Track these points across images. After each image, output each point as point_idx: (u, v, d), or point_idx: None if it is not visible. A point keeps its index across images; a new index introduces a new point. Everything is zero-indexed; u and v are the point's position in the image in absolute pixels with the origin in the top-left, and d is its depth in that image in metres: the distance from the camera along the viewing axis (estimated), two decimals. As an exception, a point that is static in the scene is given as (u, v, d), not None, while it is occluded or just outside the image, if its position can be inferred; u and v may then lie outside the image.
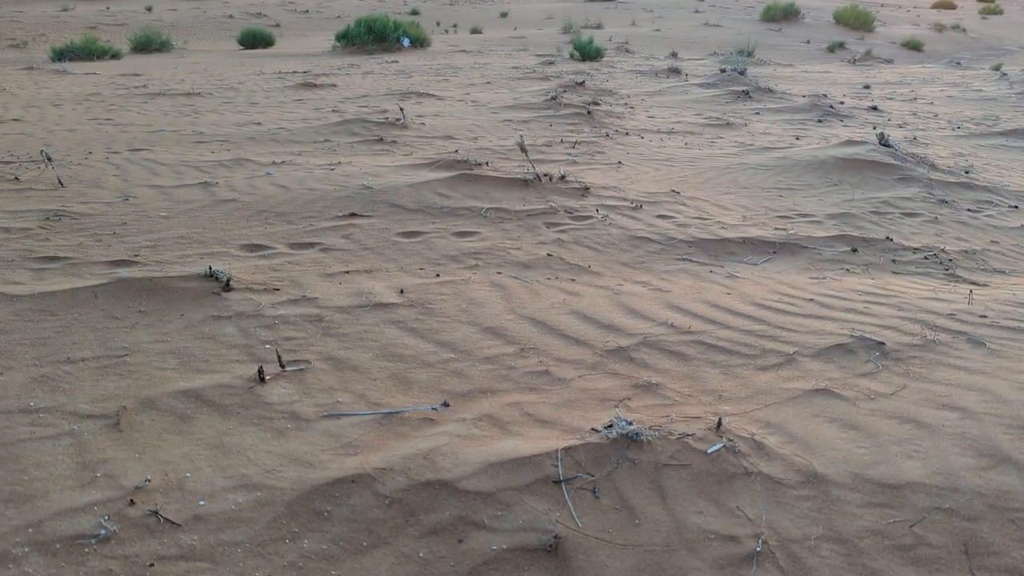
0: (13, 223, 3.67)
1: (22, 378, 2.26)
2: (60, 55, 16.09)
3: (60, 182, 4.39)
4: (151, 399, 2.19)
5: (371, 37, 18.26)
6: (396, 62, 15.07)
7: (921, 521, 1.79)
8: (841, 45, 24.03)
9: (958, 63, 19.49)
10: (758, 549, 1.68)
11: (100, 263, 3.22)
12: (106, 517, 1.67)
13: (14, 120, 6.81)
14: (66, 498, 1.73)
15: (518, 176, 4.93)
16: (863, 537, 1.74)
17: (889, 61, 20.56)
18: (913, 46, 25.46)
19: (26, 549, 1.57)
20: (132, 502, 1.72)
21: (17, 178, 4.51)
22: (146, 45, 18.29)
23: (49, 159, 4.42)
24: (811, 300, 3.24)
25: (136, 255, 3.35)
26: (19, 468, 1.84)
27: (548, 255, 3.71)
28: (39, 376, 2.28)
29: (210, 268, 3.01)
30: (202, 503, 1.74)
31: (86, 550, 1.58)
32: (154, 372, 2.35)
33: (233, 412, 2.15)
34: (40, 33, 21.06)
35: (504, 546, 1.65)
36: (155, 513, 1.69)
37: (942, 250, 4.19)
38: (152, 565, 1.55)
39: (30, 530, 1.62)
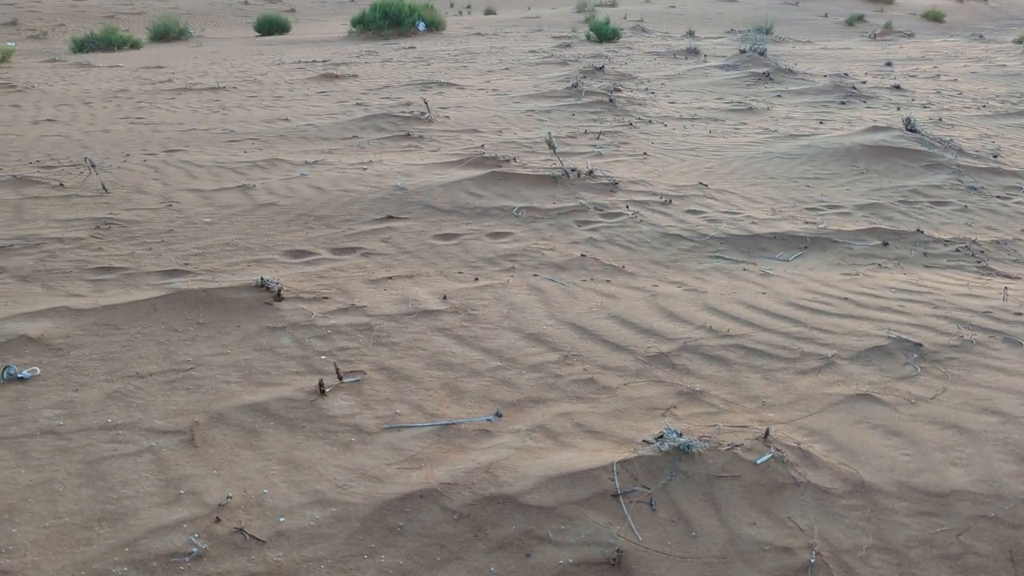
0: (66, 232, 3.79)
1: (97, 394, 2.37)
2: (81, 46, 16.24)
3: (104, 188, 4.51)
4: (220, 413, 2.29)
5: (387, 22, 18.27)
6: (413, 48, 15.10)
7: (968, 530, 1.87)
8: (860, 18, 23.77)
9: (980, 36, 19.25)
10: (812, 560, 1.76)
11: (154, 273, 3.33)
12: (196, 535, 1.78)
13: (48, 121, 6.94)
14: (155, 516, 1.84)
15: (547, 173, 4.99)
16: (912, 547, 1.82)
17: (910, 35, 20.32)
18: (934, 17, 25.14)
19: (125, 568, 1.68)
20: (218, 519, 1.83)
21: (62, 184, 4.63)
22: (164, 34, 18.39)
23: (93, 165, 4.53)
24: (846, 299, 3.30)
25: (186, 264, 3.46)
26: (107, 486, 1.95)
27: (582, 256, 3.78)
28: (112, 392, 2.39)
29: (261, 279, 3.11)
30: (282, 519, 1.85)
31: (181, 568, 1.69)
32: (220, 386, 2.45)
33: (299, 426, 2.25)
34: (59, 23, 21.20)
35: (570, 560, 1.75)
36: (240, 530, 1.80)
37: (973, 241, 4.23)
38: (244, 582, 1.66)
39: (126, 549, 1.73)
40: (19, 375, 2.44)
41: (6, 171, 4.97)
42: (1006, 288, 3.44)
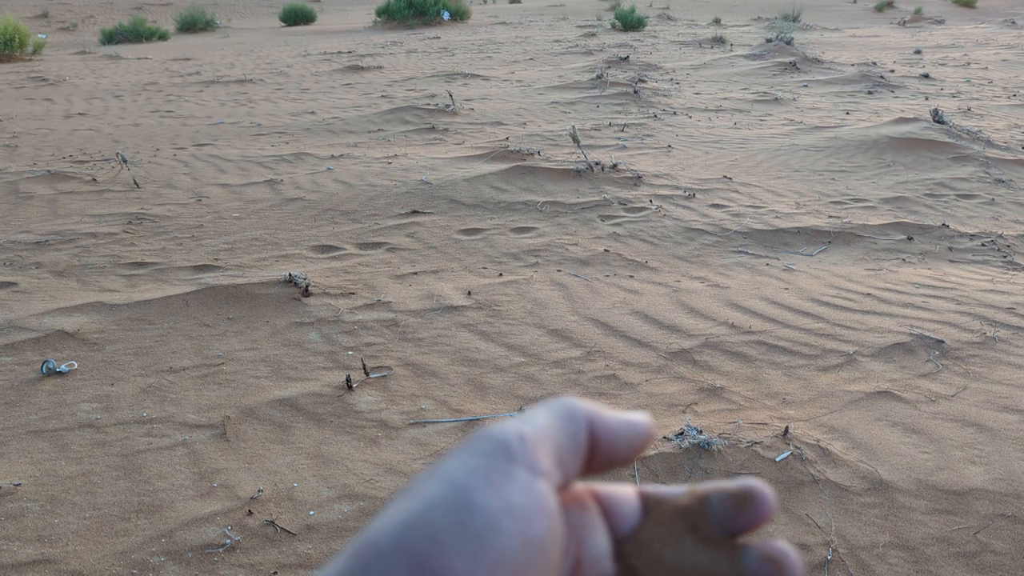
0: (99, 228, 3.88)
1: (132, 388, 2.45)
2: (110, 38, 16.45)
3: (136, 183, 4.60)
4: (251, 408, 2.36)
5: (412, 11, 18.30)
6: (438, 38, 15.12)
7: (985, 528, 1.89)
8: (890, 4, 23.43)
9: (1013, 22, 18.91)
10: (829, 557, 1.79)
11: (185, 268, 3.41)
12: (229, 527, 1.84)
13: (80, 115, 7.06)
14: (190, 508, 1.91)
15: (571, 167, 5.02)
16: (929, 544, 1.84)
17: (940, 21, 20.01)
18: (965, 3, 24.70)
19: (162, 559, 1.75)
20: (250, 512, 1.89)
21: (95, 179, 4.73)
22: (191, 25, 18.57)
23: (125, 160, 4.63)
24: (868, 295, 3.30)
25: (216, 259, 3.54)
26: (143, 479, 2.02)
27: (605, 251, 3.81)
28: (147, 386, 2.46)
29: (289, 274, 3.18)
30: (312, 513, 1.91)
31: (215, 559, 1.75)
32: (250, 381, 2.52)
33: (327, 421, 2.32)
34: (88, 15, 21.46)
35: (591, 555, 1.79)
36: (272, 523, 1.86)
37: (1000, 235, 4.19)
38: (275, 573, 1.72)
39: (163, 540, 1.80)
40: (57, 369, 2.53)
41: (40, 166, 5.08)
42: (1032, 284, 3.42)
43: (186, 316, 2.94)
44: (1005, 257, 3.93)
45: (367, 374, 2.56)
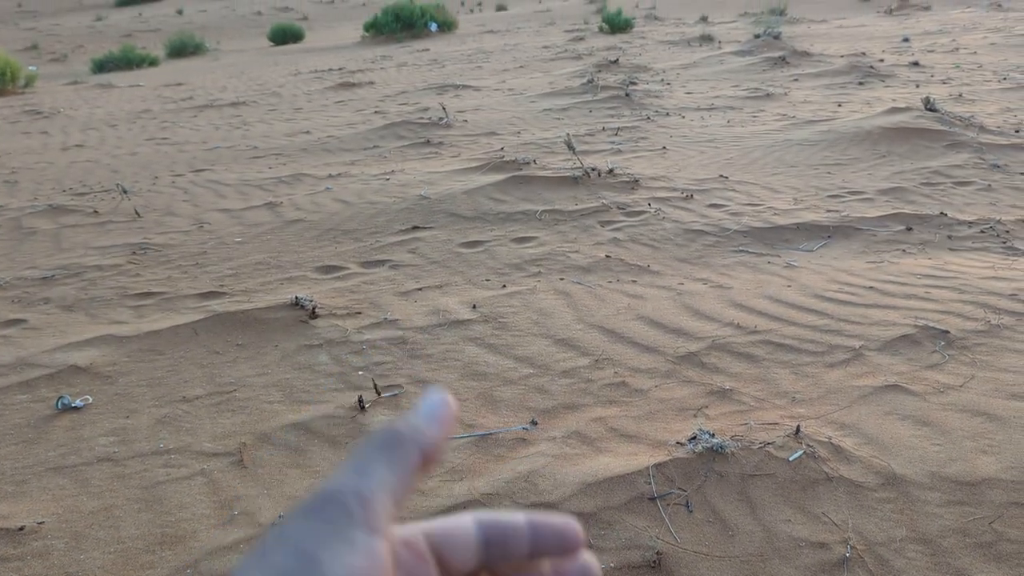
0: (104, 260, 3.91)
1: (147, 420, 2.47)
2: (101, 66, 16.52)
3: (137, 212, 4.63)
4: (266, 434, 2.38)
5: (399, 25, 18.38)
6: (427, 50, 15.18)
7: (1000, 517, 1.90)
8: (875, -7, 23.46)
9: (999, 5, 18.97)
10: (847, 554, 1.81)
11: (191, 296, 3.43)
12: (252, 555, 1.86)
13: (77, 146, 7.10)
14: (213, 537, 1.93)
15: (567, 174, 5.04)
16: (945, 536, 1.86)
17: (927, 8, 20.07)
18: (951, -12, 24.72)
19: (189, 589, 1.77)
20: (272, 539, 1.91)
21: (96, 211, 4.76)
22: (181, 50, 18.65)
23: (125, 191, 4.66)
24: (871, 288, 3.32)
25: (222, 285, 3.56)
26: (165, 510, 2.04)
27: (607, 256, 3.83)
28: (162, 417, 2.49)
29: (296, 297, 3.20)
30: (333, 536, 1.92)
31: (241, 587, 1.77)
32: (263, 406, 2.54)
33: (342, 443, 2.34)
34: (78, 45, 21.53)
35: (612, 564, 1.81)
36: (294, 548, 1.88)
37: (998, 221, 4.22)
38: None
39: (189, 571, 1.82)
40: (73, 404, 2.55)
41: (41, 200, 5.11)
42: (1032, 269, 3.44)
43: (196, 344, 2.96)
44: (1005, 243, 3.95)
45: (379, 394, 2.58)
